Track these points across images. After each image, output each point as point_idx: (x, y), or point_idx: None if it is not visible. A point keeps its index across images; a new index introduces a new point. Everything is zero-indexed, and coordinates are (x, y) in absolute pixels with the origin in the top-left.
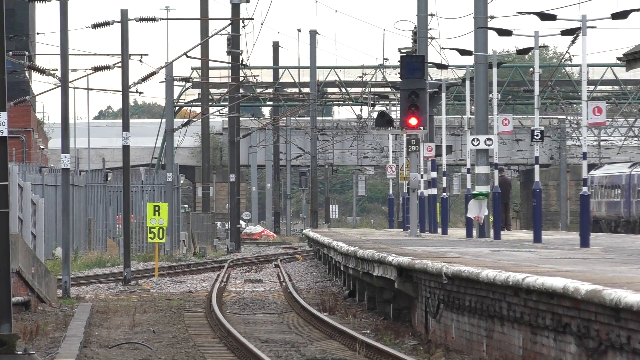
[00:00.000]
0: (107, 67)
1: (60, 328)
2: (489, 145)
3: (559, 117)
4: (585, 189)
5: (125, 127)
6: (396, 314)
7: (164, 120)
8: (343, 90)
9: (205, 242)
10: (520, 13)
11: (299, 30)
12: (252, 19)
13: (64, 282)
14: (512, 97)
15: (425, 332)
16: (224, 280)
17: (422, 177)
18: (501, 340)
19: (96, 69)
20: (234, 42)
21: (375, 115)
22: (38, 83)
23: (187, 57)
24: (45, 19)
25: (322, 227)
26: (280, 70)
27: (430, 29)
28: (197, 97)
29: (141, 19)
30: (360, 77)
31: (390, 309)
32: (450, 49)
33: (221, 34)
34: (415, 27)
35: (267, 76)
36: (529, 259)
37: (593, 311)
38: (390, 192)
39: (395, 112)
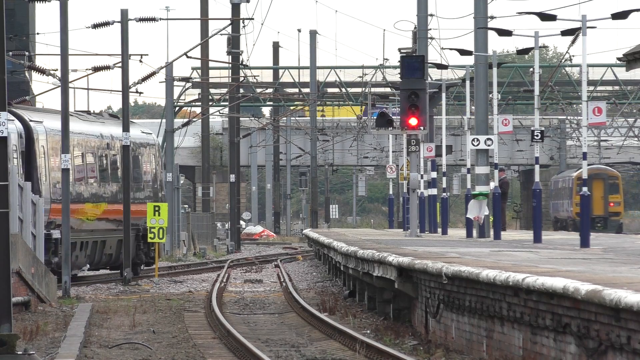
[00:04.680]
0: (107, 67)
1: (60, 328)
2: (489, 145)
3: (559, 117)
4: (585, 189)
5: (125, 127)
6: (396, 314)
7: (164, 120)
8: (343, 90)
9: (205, 242)
10: (520, 13)
11: (299, 30)
12: (252, 19)
13: (64, 282)
14: (512, 97)
15: (425, 332)
16: (224, 280)
17: (422, 177)
18: (501, 340)
19: (96, 69)
20: (234, 42)
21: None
22: (38, 83)
23: (187, 57)
24: (45, 19)
25: (322, 227)
26: (280, 70)
27: (430, 29)
28: (197, 97)
29: (141, 19)
30: (360, 77)
31: (390, 309)
32: (450, 49)
33: (221, 34)
34: (415, 27)
35: (267, 76)
36: (529, 259)
37: (593, 311)
38: (390, 192)
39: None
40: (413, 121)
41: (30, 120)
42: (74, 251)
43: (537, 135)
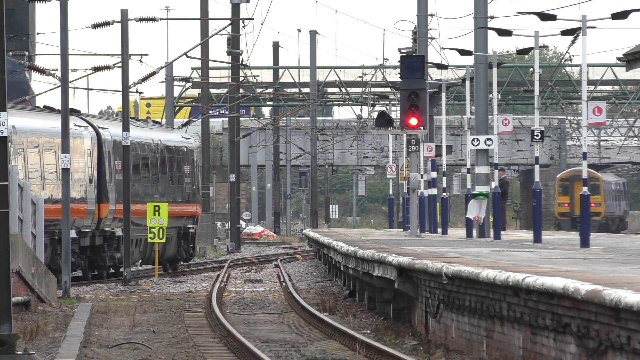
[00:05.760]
0: (107, 67)
1: (60, 328)
2: (489, 145)
3: (559, 117)
4: (585, 188)
5: (125, 127)
6: (396, 314)
7: (164, 120)
8: (343, 90)
9: (205, 242)
10: (520, 13)
11: (299, 30)
12: (252, 19)
13: (64, 282)
14: (512, 97)
15: (425, 332)
16: (224, 280)
17: (422, 177)
18: (501, 340)
19: (96, 69)
20: (234, 42)
21: (375, 115)
22: (38, 83)
23: (187, 57)
24: (45, 19)
25: (322, 227)
26: (280, 70)
27: (430, 29)
28: (197, 97)
29: (141, 19)
30: (360, 77)
31: (390, 309)
32: (450, 49)
33: (221, 34)
34: (415, 27)
35: (267, 76)
36: (529, 259)
37: (593, 311)
38: (390, 192)
39: (395, 112)
40: (413, 121)
41: (99, 127)
42: None
43: (537, 135)
